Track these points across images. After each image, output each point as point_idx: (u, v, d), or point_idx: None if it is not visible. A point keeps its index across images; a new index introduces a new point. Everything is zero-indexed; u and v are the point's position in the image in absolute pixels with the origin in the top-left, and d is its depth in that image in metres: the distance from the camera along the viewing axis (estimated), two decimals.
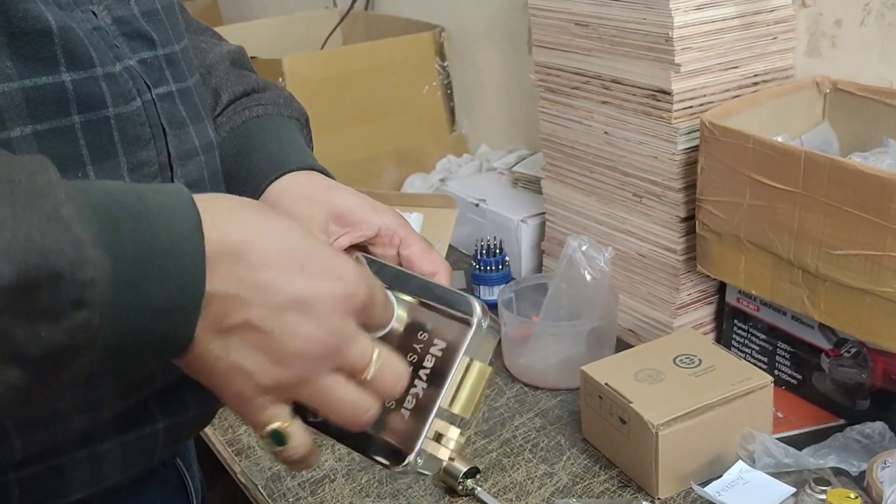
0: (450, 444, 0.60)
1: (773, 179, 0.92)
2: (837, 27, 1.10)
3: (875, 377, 0.94)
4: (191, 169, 0.68)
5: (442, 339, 0.60)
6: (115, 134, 0.61)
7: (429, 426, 0.59)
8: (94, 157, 0.60)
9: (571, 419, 1.03)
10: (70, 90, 0.58)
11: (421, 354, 0.60)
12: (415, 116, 1.73)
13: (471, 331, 0.59)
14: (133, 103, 0.62)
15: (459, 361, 0.59)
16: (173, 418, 0.68)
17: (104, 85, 0.60)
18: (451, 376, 0.59)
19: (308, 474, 0.97)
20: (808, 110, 1.08)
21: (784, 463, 0.88)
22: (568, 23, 1.14)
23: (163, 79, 0.67)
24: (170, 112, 0.67)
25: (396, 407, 0.60)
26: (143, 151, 0.63)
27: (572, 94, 1.17)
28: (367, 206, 0.72)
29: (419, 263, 0.70)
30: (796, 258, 0.92)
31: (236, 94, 0.83)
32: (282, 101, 0.84)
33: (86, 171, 0.60)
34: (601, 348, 1.09)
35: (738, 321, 1.09)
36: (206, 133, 0.71)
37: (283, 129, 0.81)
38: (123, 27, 0.64)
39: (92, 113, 0.59)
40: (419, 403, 0.59)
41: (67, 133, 0.58)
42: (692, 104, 1.04)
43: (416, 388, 0.59)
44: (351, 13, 1.95)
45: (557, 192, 1.25)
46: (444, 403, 0.59)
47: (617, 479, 0.93)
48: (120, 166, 0.62)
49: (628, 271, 1.16)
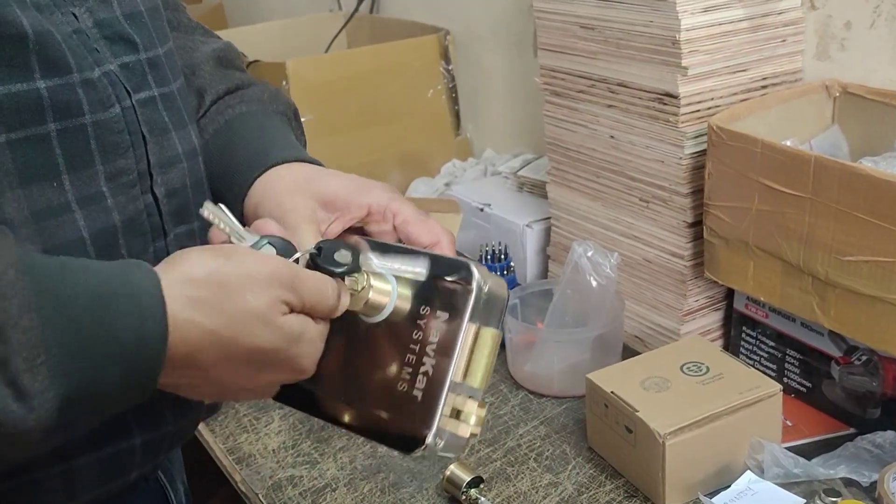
0: (469, 419, 0.58)
1: (783, 184, 0.91)
2: (847, 29, 1.08)
3: (886, 385, 0.93)
4: (173, 176, 0.67)
5: (444, 309, 0.58)
6: (92, 142, 0.60)
7: (443, 403, 0.57)
8: (70, 165, 0.59)
9: (577, 427, 1.01)
10: (45, 97, 0.57)
11: (426, 329, 0.58)
12: (419, 120, 1.71)
13: (471, 297, 0.57)
14: (112, 110, 0.61)
15: (465, 330, 0.57)
16: (151, 433, 0.66)
17: (81, 91, 0.59)
18: (458, 347, 0.57)
19: (310, 483, 0.96)
20: (817, 114, 1.07)
21: (793, 473, 0.87)
22: (573, 25, 1.13)
23: (145, 83, 0.65)
24: (151, 118, 0.65)
25: (408, 389, 0.58)
26: (122, 159, 0.62)
27: (578, 97, 1.16)
28: (354, 188, 0.70)
29: (417, 235, 0.68)
30: (806, 264, 0.91)
31: (219, 93, 0.81)
32: (266, 97, 0.82)
33: (61, 180, 0.58)
34: (607, 355, 1.07)
35: (747, 328, 1.07)
36: (189, 139, 0.70)
37: (267, 124, 0.79)
38: (105, 30, 0.63)
39: (68, 120, 0.58)
40: (430, 381, 0.57)
41: (42, 141, 0.57)
42: (699, 108, 1.03)
43: (424, 364, 0.58)
44: (355, 16, 1.94)
45: (563, 197, 1.24)
46: (457, 377, 0.57)
47: (623, 489, 0.91)
48: (97, 175, 0.60)
49: (635, 277, 1.15)
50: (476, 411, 0.58)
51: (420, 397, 0.58)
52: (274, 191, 0.70)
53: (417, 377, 0.58)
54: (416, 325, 0.59)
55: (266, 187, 0.71)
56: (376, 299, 0.61)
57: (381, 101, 1.65)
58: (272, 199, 0.70)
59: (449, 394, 0.57)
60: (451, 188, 1.55)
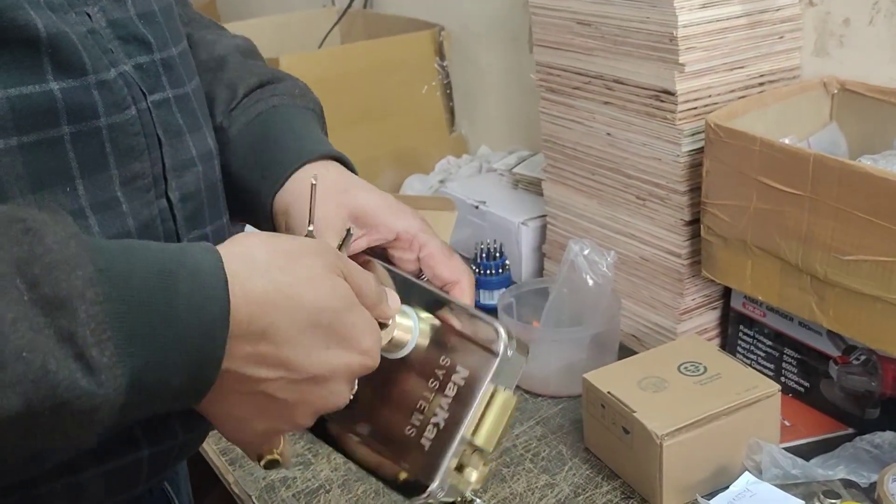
0: (472, 475, 0.58)
1: (781, 182, 0.90)
2: (845, 26, 1.07)
3: (885, 385, 0.92)
4: (187, 180, 0.65)
5: (465, 366, 0.58)
6: (106, 145, 0.58)
7: (449, 458, 0.57)
8: (83, 170, 0.57)
9: (573, 428, 1.01)
10: (59, 99, 0.55)
11: (443, 382, 0.58)
12: (414, 117, 1.70)
13: (496, 361, 0.57)
14: (127, 112, 0.59)
15: (483, 392, 0.57)
16: (159, 446, 0.64)
17: (96, 93, 0.57)
18: (473, 407, 0.57)
19: (303, 485, 0.95)
20: (815, 111, 1.06)
21: (792, 474, 0.86)
22: (570, 21, 1.12)
23: (159, 85, 0.64)
24: (166, 120, 0.64)
25: (416, 436, 0.58)
26: (137, 163, 0.60)
27: (574, 94, 1.15)
28: (388, 209, 0.70)
29: (439, 270, 0.68)
30: (804, 263, 0.90)
31: (251, 86, 0.80)
32: (297, 92, 0.81)
33: (74, 184, 0.57)
34: (604, 355, 1.07)
35: (744, 327, 1.06)
36: (204, 142, 0.69)
37: (300, 118, 0.79)
38: (119, 30, 0.61)
39: (82, 123, 0.56)
40: (440, 434, 0.57)
41: (55, 145, 0.55)
42: (697, 105, 1.02)
43: (437, 416, 0.57)
44: (349, 12, 1.93)
45: (559, 195, 1.23)
46: (466, 434, 0.57)
47: (620, 490, 0.91)
48: (111, 179, 0.59)
49: (631, 276, 1.14)
50: (480, 469, 0.58)
51: (427, 447, 0.57)
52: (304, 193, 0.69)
53: (427, 426, 0.58)
54: (433, 373, 0.59)
55: (302, 186, 0.71)
56: (400, 336, 0.60)
57: (375, 98, 1.64)
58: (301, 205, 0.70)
59: (457, 449, 0.57)
60: (445, 185, 1.54)
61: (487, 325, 0.58)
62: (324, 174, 0.71)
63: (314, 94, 0.84)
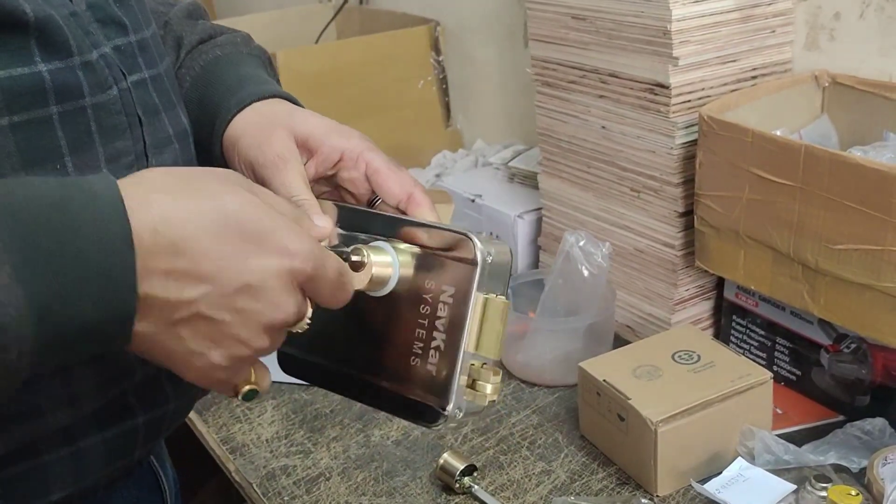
0: (486, 388, 0.58)
1: (773, 174, 0.91)
2: (836, 20, 1.09)
3: (875, 373, 0.94)
4: (165, 158, 0.67)
5: (450, 284, 0.58)
6: (92, 124, 0.60)
7: (457, 376, 0.57)
8: (71, 148, 0.59)
9: (569, 416, 1.02)
10: (47, 80, 0.57)
11: (433, 305, 0.58)
12: (410, 111, 1.71)
13: (476, 271, 0.57)
14: (110, 92, 0.61)
15: (473, 305, 0.57)
16: (153, 411, 0.67)
17: (81, 74, 0.59)
18: (468, 322, 0.57)
19: (304, 472, 0.96)
20: (806, 104, 1.07)
21: (784, 460, 0.88)
22: (565, 16, 1.13)
23: (136, 66, 0.66)
24: (144, 100, 0.65)
25: (421, 364, 0.58)
26: (120, 141, 0.62)
27: (569, 88, 1.16)
28: (330, 129, 0.70)
29: (388, 185, 0.68)
30: (796, 253, 0.91)
31: (193, 42, 0.82)
32: (239, 40, 0.83)
33: (64, 161, 0.59)
34: (599, 344, 1.08)
35: (737, 317, 1.08)
36: (179, 120, 0.70)
37: (242, 64, 0.79)
38: (97, 13, 0.63)
39: (69, 103, 0.58)
40: (443, 355, 0.57)
41: (45, 124, 0.57)
42: (690, 98, 1.03)
43: (435, 340, 0.58)
44: (345, 7, 1.94)
45: (554, 188, 1.24)
46: (469, 349, 0.57)
47: (615, 476, 0.92)
48: (98, 157, 0.61)
49: (626, 267, 1.15)
50: (492, 379, 0.58)
51: (434, 372, 0.58)
52: (253, 125, 0.70)
53: (430, 352, 0.58)
54: (422, 299, 0.59)
55: (246, 122, 0.71)
56: (380, 272, 0.60)
57: (371, 93, 1.65)
58: (251, 134, 0.70)
59: (463, 366, 0.57)
60: (441, 179, 1.55)
61: (459, 237, 0.58)
62: (270, 106, 0.72)
63: (258, 44, 0.85)
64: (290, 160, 0.67)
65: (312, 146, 0.69)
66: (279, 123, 0.70)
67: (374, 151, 0.69)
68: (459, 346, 0.57)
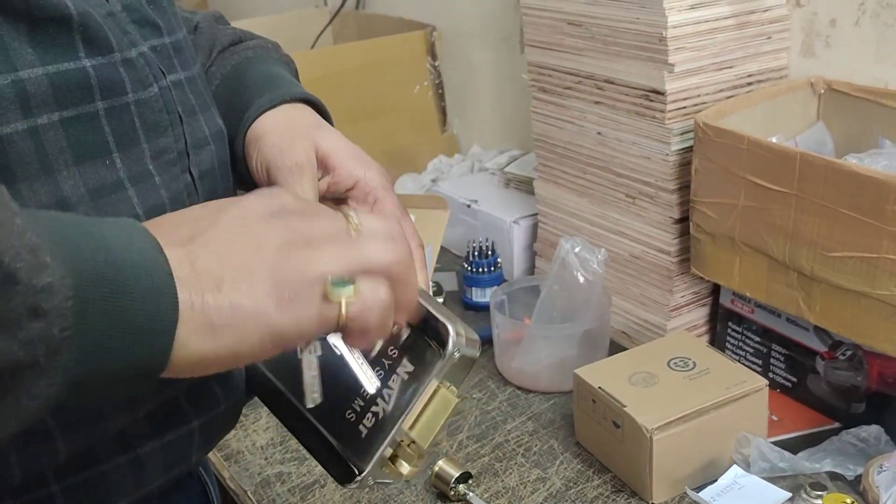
0: (404, 467, 0.57)
1: (768, 181, 0.91)
2: (832, 27, 1.09)
3: (870, 380, 0.94)
4: (203, 158, 0.68)
5: (411, 361, 0.57)
6: (136, 120, 0.60)
7: (382, 449, 0.56)
8: (118, 143, 0.59)
9: (564, 423, 1.02)
10: (92, 76, 0.57)
11: (388, 372, 0.58)
12: (406, 116, 1.71)
13: (441, 362, 0.56)
14: (150, 89, 0.62)
15: (426, 390, 0.56)
16: (206, 415, 0.68)
17: (122, 71, 0.59)
18: (413, 404, 0.56)
19: (298, 480, 0.96)
20: (802, 111, 1.07)
21: (779, 467, 0.88)
22: (561, 22, 1.13)
23: (172, 66, 0.66)
24: (182, 99, 0.66)
25: (356, 421, 0.58)
26: (163, 138, 0.63)
27: (565, 94, 1.16)
28: (352, 155, 0.69)
29: None
30: (791, 260, 0.91)
31: (224, 44, 0.83)
32: (269, 46, 0.84)
33: (112, 158, 0.59)
34: (594, 351, 1.08)
35: (733, 323, 1.08)
36: (215, 121, 0.71)
37: (271, 65, 0.80)
38: (133, 14, 0.64)
39: (114, 99, 0.59)
40: (378, 424, 0.57)
41: (92, 120, 0.58)
42: (686, 104, 1.03)
43: (377, 406, 0.57)
44: (342, 12, 1.94)
45: (550, 193, 1.24)
46: (404, 427, 0.56)
47: (610, 483, 0.92)
48: (144, 153, 0.61)
49: (621, 273, 1.15)
50: (413, 462, 0.57)
51: (364, 434, 0.57)
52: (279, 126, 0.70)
53: (367, 414, 0.57)
54: (380, 362, 0.58)
55: (273, 122, 0.71)
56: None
57: (367, 98, 1.65)
58: (276, 135, 0.70)
59: (392, 439, 0.56)
60: (437, 184, 1.55)
61: (439, 326, 0.57)
62: (300, 112, 0.72)
63: (287, 54, 0.86)
64: (307, 170, 0.67)
65: (330, 165, 0.69)
66: (305, 132, 0.70)
67: (387, 190, 0.69)
68: (397, 422, 0.56)
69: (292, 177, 0.67)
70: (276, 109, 0.72)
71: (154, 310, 0.44)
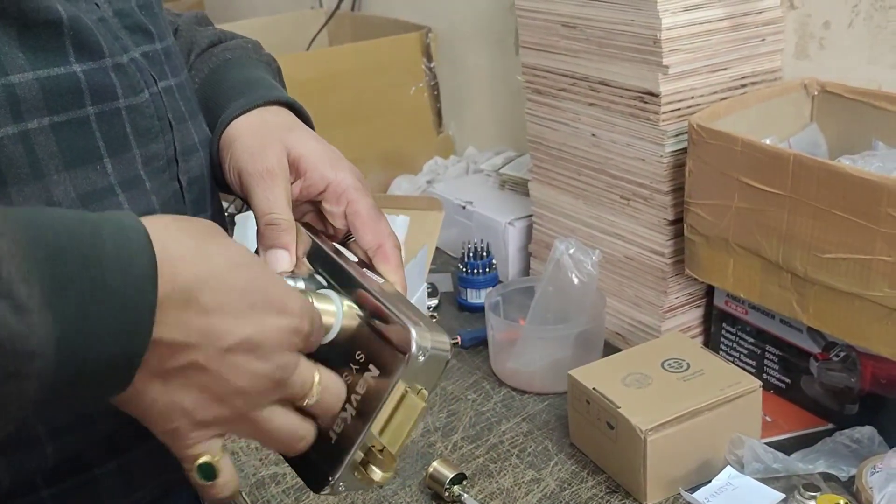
0: (375, 473, 0.57)
1: (762, 182, 0.92)
2: (826, 29, 1.09)
3: (864, 381, 0.94)
4: (192, 165, 0.68)
5: (377, 365, 0.57)
6: (127, 125, 0.60)
7: (352, 454, 0.56)
8: (109, 149, 0.59)
9: (559, 424, 1.02)
10: (82, 80, 0.57)
11: (355, 378, 0.57)
12: (401, 118, 1.71)
13: (403, 365, 0.55)
14: (142, 95, 0.62)
15: (391, 394, 0.56)
16: None
17: (114, 76, 0.59)
18: (380, 408, 0.56)
19: (293, 480, 0.96)
20: (796, 112, 1.08)
21: (773, 468, 0.88)
22: (555, 24, 1.13)
23: (163, 72, 0.66)
24: (173, 106, 0.66)
25: (325, 427, 0.57)
26: (154, 144, 0.63)
27: (560, 95, 1.16)
28: (326, 158, 0.68)
29: (363, 231, 0.66)
30: (785, 262, 0.92)
31: (203, 46, 0.82)
32: (249, 46, 0.83)
33: (103, 163, 0.59)
34: (589, 352, 1.08)
35: (727, 325, 1.08)
36: (202, 128, 0.71)
37: (250, 68, 0.79)
38: (125, 20, 0.63)
39: (104, 104, 0.59)
40: (346, 430, 0.57)
41: (83, 125, 0.58)
42: (680, 106, 1.04)
43: (345, 412, 0.57)
44: (337, 14, 1.94)
45: (545, 195, 1.25)
46: (373, 432, 0.56)
47: (605, 484, 0.92)
48: (135, 159, 0.61)
49: (616, 274, 1.15)
50: (385, 467, 0.57)
51: (334, 440, 0.57)
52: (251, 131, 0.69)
53: (336, 419, 0.57)
54: (348, 367, 0.57)
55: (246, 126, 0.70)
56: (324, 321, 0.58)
57: (362, 99, 1.65)
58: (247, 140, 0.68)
59: (362, 443, 0.56)
60: (433, 186, 1.55)
61: (399, 329, 0.56)
62: (274, 115, 0.71)
63: (267, 52, 0.85)
64: (279, 176, 0.65)
65: (301, 169, 0.67)
66: (276, 136, 0.68)
67: (359, 192, 0.67)
68: (365, 426, 0.56)
69: (263, 183, 0.65)
70: (249, 113, 0.71)
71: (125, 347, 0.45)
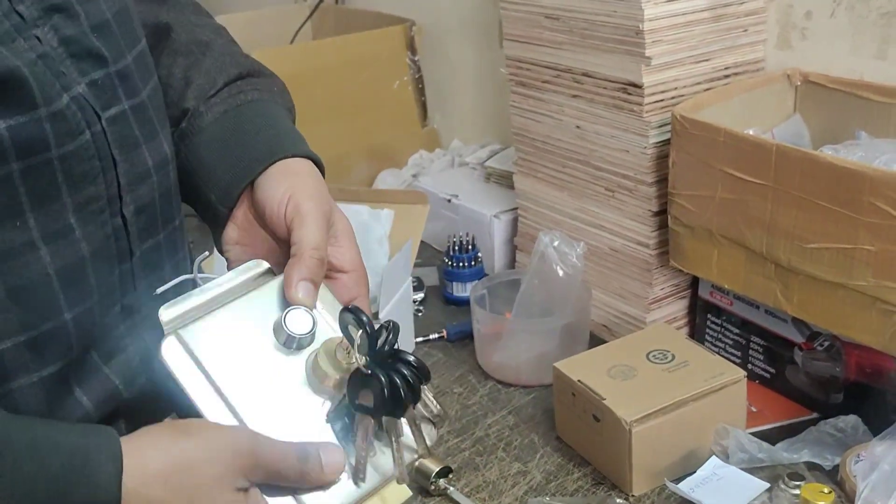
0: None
1: (745, 173, 0.92)
2: (808, 19, 1.09)
3: (848, 370, 0.94)
4: (142, 193, 0.65)
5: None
6: (58, 175, 0.58)
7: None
8: (34, 203, 0.57)
9: (545, 417, 1.02)
10: (6, 138, 0.54)
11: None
12: (386, 111, 1.71)
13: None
14: (81, 138, 0.59)
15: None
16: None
17: (48, 126, 0.56)
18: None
19: None
20: (779, 103, 1.08)
21: (758, 458, 0.88)
22: (538, 16, 1.13)
23: (115, 99, 0.63)
24: (122, 135, 0.63)
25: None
26: (91, 187, 0.60)
27: (543, 87, 1.16)
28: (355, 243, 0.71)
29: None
30: (769, 252, 0.92)
31: (232, 76, 0.78)
32: (276, 90, 0.81)
33: (25, 218, 0.57)
34: (574, 344, 1.08)
35: (712, 315, 1.08)
36: (160, 149, 0.68)
37: (279, 115, 0.78)
38: (72, 47, 0.60)
39: (32, 158, 0.56)
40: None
41: (5, 182, 0.55)
42: (663, 97, 1.04)
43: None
44: (321, 7, 1.93)
45: (530, 187, 1.24)
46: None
47: (591, 476, 0.92)
48: (64, 208, 0.59)
49: (601, 266, 1.15)
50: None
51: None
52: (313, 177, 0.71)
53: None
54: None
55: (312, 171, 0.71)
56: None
57: (347, 93, 1.65)
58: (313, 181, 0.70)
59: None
60: (418, 179, 1.55)
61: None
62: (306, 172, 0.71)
63: (290, 96, 0.84)
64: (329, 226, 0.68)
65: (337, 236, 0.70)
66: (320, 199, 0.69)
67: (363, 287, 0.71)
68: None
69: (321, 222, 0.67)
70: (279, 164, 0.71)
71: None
